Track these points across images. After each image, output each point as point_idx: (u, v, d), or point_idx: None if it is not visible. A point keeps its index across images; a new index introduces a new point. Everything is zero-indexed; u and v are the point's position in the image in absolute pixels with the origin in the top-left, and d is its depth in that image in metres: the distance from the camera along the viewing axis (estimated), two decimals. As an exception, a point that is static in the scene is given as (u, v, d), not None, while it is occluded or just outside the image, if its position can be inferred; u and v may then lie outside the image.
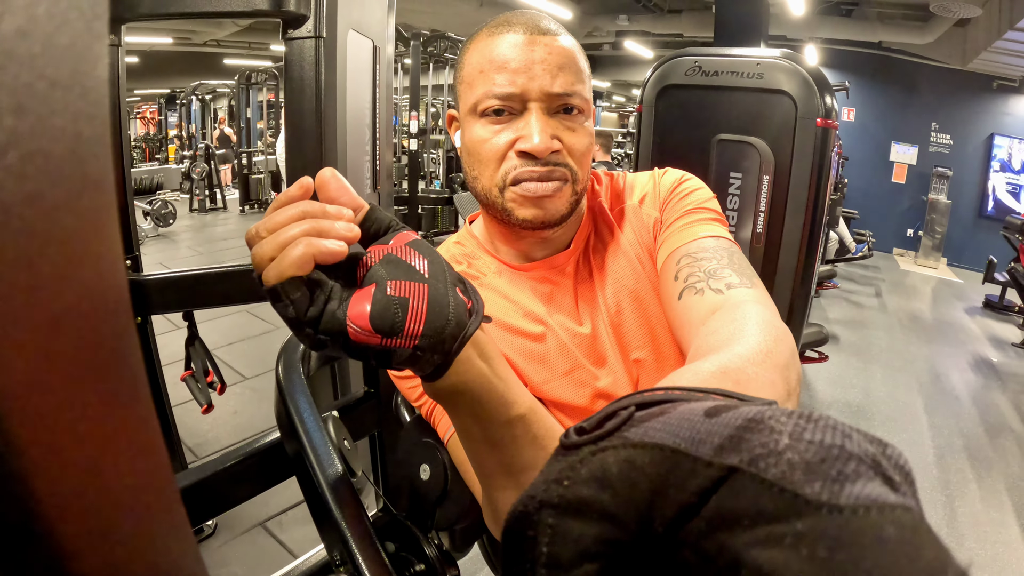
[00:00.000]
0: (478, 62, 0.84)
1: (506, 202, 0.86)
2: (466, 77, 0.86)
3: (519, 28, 0.83)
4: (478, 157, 0.86)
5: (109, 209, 0.23)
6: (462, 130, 0.90)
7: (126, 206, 2.06)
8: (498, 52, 0.82)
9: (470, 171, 0.89)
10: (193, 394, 2.06)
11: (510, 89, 0.81)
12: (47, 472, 0.20)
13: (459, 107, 0.90)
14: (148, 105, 19.06)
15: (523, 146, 0.82)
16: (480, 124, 0.85)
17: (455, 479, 0.94)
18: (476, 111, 0.84)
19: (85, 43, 0.22)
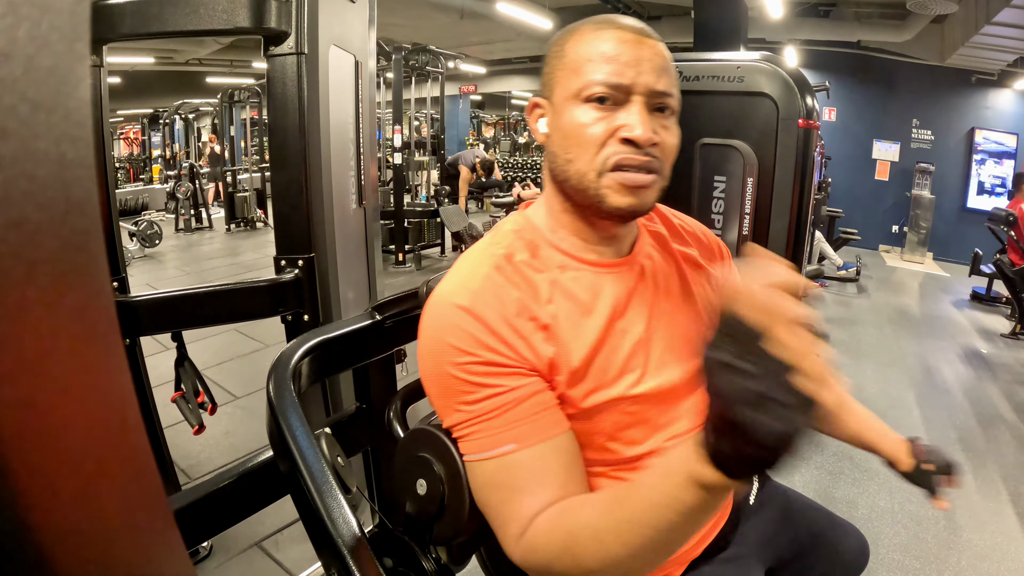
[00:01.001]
0: (586, 52, 0.87)
1: (602, 187, 0.87)
2: (570, 64, 0.88)
3: (627, 28, 0.88)
4: (577, 140, 0.87)
5: (95, 231, 0.23)
6: (556, 115, 0.90)
7: (111, 227, 2.05)
8: (608, 45, 0.86)
9: (563, 154, 0.89)
10: (184, 415, 2.04)
11: (619, 80, 0.85)
12: (40, 498, 0.20)
13: (552, 94, 0.91)
14: (131, 125, 19.00)
15: (628, 133, 0.85)
16: (583, 108, 0.87)
17: (452, 494, 0.94)
18: (580, 96, 0.86)
19: (67, 65, 0.22)
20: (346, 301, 2.01)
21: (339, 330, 1.28)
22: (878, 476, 3.00)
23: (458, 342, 0.82)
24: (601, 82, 0.85)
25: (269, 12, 1.71)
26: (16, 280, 0.20)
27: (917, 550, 2.44)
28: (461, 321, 0.83)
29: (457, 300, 0.85)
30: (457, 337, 0.83)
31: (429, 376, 0.87)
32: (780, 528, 1.22)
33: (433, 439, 0.96)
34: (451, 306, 0.84)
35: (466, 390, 0.82)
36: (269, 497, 1.43)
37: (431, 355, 0.85)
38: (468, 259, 0.94)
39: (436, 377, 0.85)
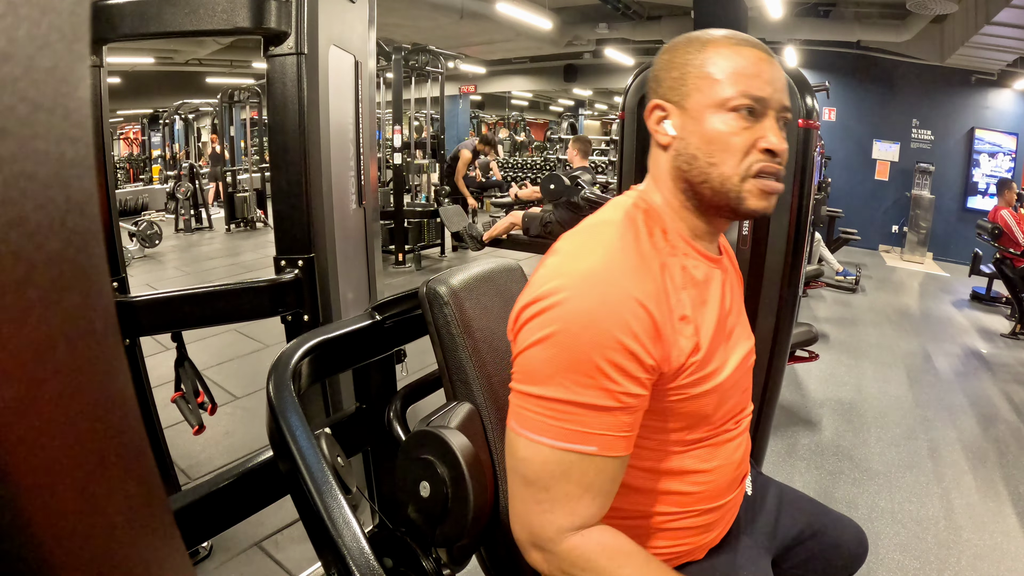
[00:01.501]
0: (730, 66, 0.93)
1: (744, 191, 0.94)
2: (712, 74, 0.93)
3: (762, 48, 0.96)
4: (723, 146, 0.93)
5: (94, 231, 0.23)
6: (694, 120, 0.95)
7: (112, 227, 2.05)
8: (752, 62, 0.93)
9: (706, 157, 0.94)
10: (184, 415, 2.04)
11: (762, 95, 0.92)
12: (39, 498, 0.20)
13: (686, 100, 0.95)
14: (131, 126, 19.01)
15: (769, 145, 0.92)
16: (728, 117, 0.93)
17: (456, 496, 0.94)
18: (725, 105, 0.92)
19: (67, 65, 0.22)
20: (346, 301, 2.01)
21: (339, 330, 1.28)
22: (878, 476, 3.00)
23: (623, 336, 0.82)
24: (749, 95, 0.92)
25: (269, 12, 1.71)
26: (16, 280, 0.20)
27: (917, 550, 2.44)
28: (634, 317, 0.83)
29: (633, 291, 0.84)
30: (624, 331, 0.82)
31: (556, 342, 0.83)
32: (778, 518, 1.26)
33: (436, 441, 0.97)
34: (628, 297, 0.84)
35: (590, 379, 0.82)
36: (269, 497, 1.43)
37: (579, 329, 0.82)
38: (609, 231, 0.93)
39: (566, 349, 0.82)
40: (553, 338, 0.83)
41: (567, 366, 0.82)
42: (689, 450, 0.98)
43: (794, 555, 1.26)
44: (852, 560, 1.33)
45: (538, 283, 0.88)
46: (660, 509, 0.99)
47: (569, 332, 0.82)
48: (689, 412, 0.94)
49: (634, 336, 0.82)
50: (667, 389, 0.90)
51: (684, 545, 1.03)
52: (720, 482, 1.02)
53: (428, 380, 1.45)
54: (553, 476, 0.84)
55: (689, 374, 0.90)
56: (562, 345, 0.82)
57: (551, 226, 5.27)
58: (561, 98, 22.83)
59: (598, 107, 23.48)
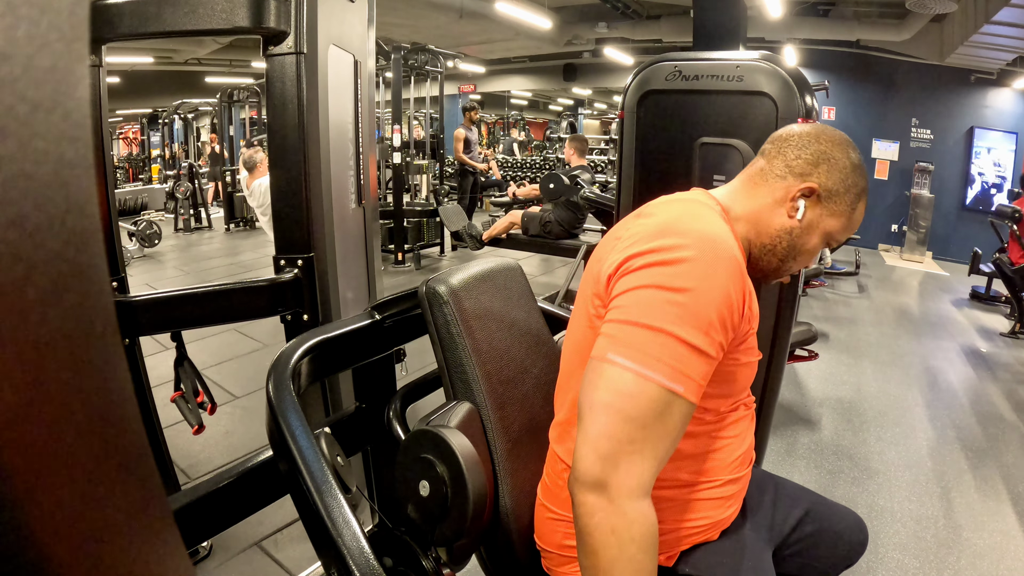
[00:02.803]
0: (855, 218, 1.11)
1: (769, 275, 1.16)
2: (845, 215, 1.10)
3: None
4: (804, 259, 1.13)
5: (94, 231, 0.23)
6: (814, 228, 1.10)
7: (111, 227, 2.05)
8: (858, 220, 1.12)
9: (788, 256, 1.12)
10: (184, 415, 2.04)
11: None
12: (37, 498, 0.20)
13: (825, 211, 1.10)
14: (131, 125, 19.01)
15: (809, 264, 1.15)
16: (820, 244, 1.12)
17: (456, 496, 0.94)
18: (828, 236, 1.11)
19: (66, 65, 0.22)
20: (345, 301, 2.01)
21: (338, 330, 1.28)
22: (877, 475, 3.00)
23: (734, 294, 0.91)
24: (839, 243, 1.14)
25: (268, 12, 1.71)
26: (15, 280, 0.20)
27: (916, 549, 2.44)
28: (740, 280, 0.93)
29: (739, 257, 0.96)
30: (736, 290, 0.92)
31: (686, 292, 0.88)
32: (775, 510, 1.27)
33: (436, 441, 0.97)
34: (737, 261, 0.94)
35: (706, 326, 0.87)
36: (269, 497, 1.43)
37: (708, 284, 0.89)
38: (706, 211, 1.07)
39: (695, 298, 0.88)
40: (684, 290, 0.88)
41: (692, 312, 0.87)
42: (721, 420, 1.08)
43: (795, 544, 1.28)
44: (853, 548, 1.34)
45: (648, 236, 0.95)
46: (698, 476, 1.07)
47: (701, 288, 0.88)
48: (731, 378, 1.03)
49: (741, 295, 0.92)
50: (730, 350, 0.97)
51: (707, 518, 1.08)
52: (741, 452, 1.11)
53: (428, 379, 1.45)
54: (655, 414, 0.84)
55: (745, 341, 1.01)
56: (691, 297, 0.87)
57: (550, 226, 5.28)
58: (560, 97, 22.82)
59: (597, 106, 23.47)
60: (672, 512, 1.05)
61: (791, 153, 1.11)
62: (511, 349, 1.27)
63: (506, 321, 1.29)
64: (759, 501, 1.26)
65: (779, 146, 1.13)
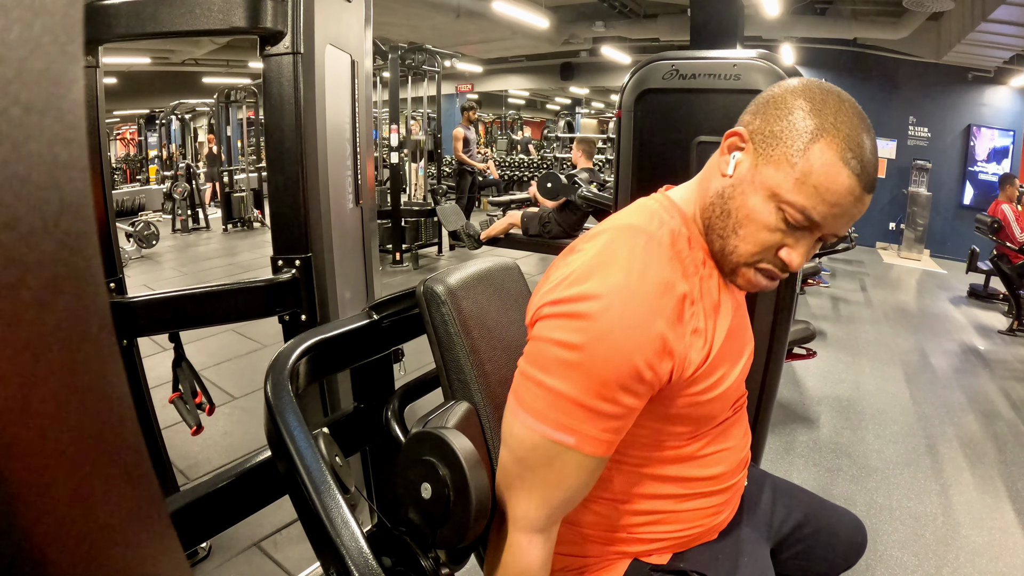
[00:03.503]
0: (820, 179, 0.83)
1: (737, 271, 0.93)
2: (799, 170, 0.84)
3: (865, 179, 0.84)
4: (750, 231, 0.89)
5: (89, 233, 0.23)
6: (751, 184, 0.89)
7: (108, 228, 2.04)
8: (841, 192, 0.83)
9: (730, 224, 0.91)
10: (182, 416, 2.04)
11: (822, 224, 0.86)
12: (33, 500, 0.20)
13: (766, 162, 0.87)
14: (128, 126, 18.99)
15: (788, 261, 0.89)
16: (772, 213, 0.87)
17: (458, 499, 0.94)
18: (782, 203, 0.86)
19: (60, 67, 0.22)
20: (343, 301, 2.01)
21: (336, 330, 1.28)
22: (876, 473, 3.01)
23: (638, 362, 0.82)
24: (810, 219, 0.85)
25: (265, 12, 1.71)
26: (9, 283, 0.20)
27: (915, 547, 2.45)
28: (651, 343, 0.83)
29: (654, 317, 0.83)
30: (640, 357, 0.82)
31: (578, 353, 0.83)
32: (774, 509, 1.27)
33: (438, 443, 0.96)
34: (650, 324, 0.83)
35: (598, 390, 0.83)
36: (268, 497, 1.43)
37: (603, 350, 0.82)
38: (636, 241, 0.90)
39: (585, 361, 0.83)
40: (576, 348, 0.83)
41: (580, 374, 0.83)
42: (694, 441, 1.01)
43: (793, 546, 1.27)
44: (852, 550, 1.33)
45: (565, 282, 0.87)
46: (672, 492, 1.03)
47: (593, 350, 0.82)
48: (696, 416, 0.96)
49: (647, 362, 0.83)
50: (677, 397, 0.91)
51: (696, 528, 1.06)
52: (728, 463, 1.07)
53: (426, 379, 1.45)
54: (539, 461, 0.88)
55: (698, 382, 0.90)
56: (583, 356, 0.83)
57: (550, 226, 5.27)
58: (558, 96, 22.82)
59: (595, 105, 23.46)
60: (663, 523, 1.04)
61: (744, 113, 0.96)
62: (509, 349, 1.27)
63: (504, 321, 1.29)
64: (758, 500, 1.26)
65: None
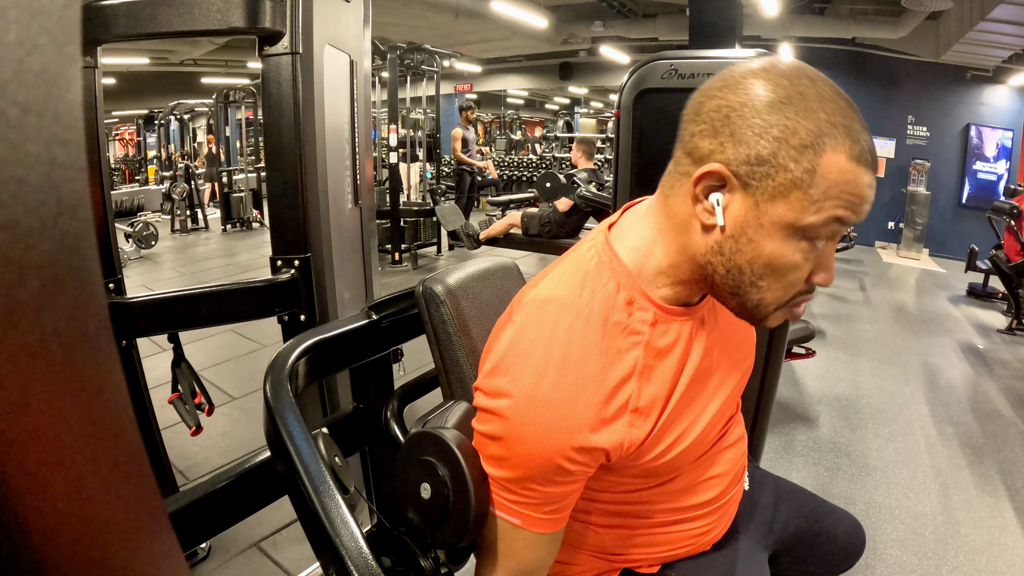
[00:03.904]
0: (838, 190, 0.72)
1: (770, 316, 0.81)
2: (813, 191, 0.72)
3: (872, 167, 0.73)
4: (778, 275, 0.76)
5: (87, 234, 0.23)
6: (758, 226, 0.75)
7: (108, 229, 2.04)
8: (861, 194, 0.73)
9: (753, 277, 0.78)
10: (181, 416, 2.04)
11: (846, 232, 0.79)
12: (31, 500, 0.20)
13: (763, 196, 0.74)
14: (127, 126, 18.98)
15: (820, 280, 0.78)
16: (800, 248, 0.75)
17: (457, 499, 0.94)
18: (804, 231, 0.73)
19: (57, 67, 0.22)
20: (342, 301, 2.01)
21: (336, 330, 1.28)
22: (875, 472, 3.01)
23: (560, 460, 0.78)
24: (833, 233, 0.75)
25: (263, 12, 1.71)
26: (7, 283, 0.20)
27: (915, 546, 2.45)
28: (574, 444, 0.77)
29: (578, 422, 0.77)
30: (562, 456, 0.78)
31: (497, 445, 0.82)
32: (775, 513, 1.25)
33: (438, 443, 0.96)
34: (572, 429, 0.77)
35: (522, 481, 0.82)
36: (267, 498, 1.43)
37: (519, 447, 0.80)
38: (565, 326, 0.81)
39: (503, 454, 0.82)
40: (499, 444, 0.82)
41: (507, 467, 0.83)
42: (671, 482, 0.97)
43: (792, 549, 1.26)
44: (850, 553, 1.32)
45: (491, 369, 0.84)
46: (657, 520, 1.00)
47: (513, 448, 0.80)
48: (659, 470, 0.90)
49: (568, 458, 0.78)
50: (626, 467, 0.87)
51: (686, 547, 1.04)
52: (717, 488, 1.03)
53: (425, 379, 1.45)
54: (495, 536, 0.88)
55: (647, 451, 0.85)
56: (505, 452, 0.82)
57: (550, 226, 5.27)
58: (557, 96, 22.83)
59: (594, 105, 23.46)
60: (651, 545, 1.02)
61: (687, 129, 0.80)
62: (508, 348, 1.27)
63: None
64: (759, 503, 1.24)
65: (682, 123, 0.83)
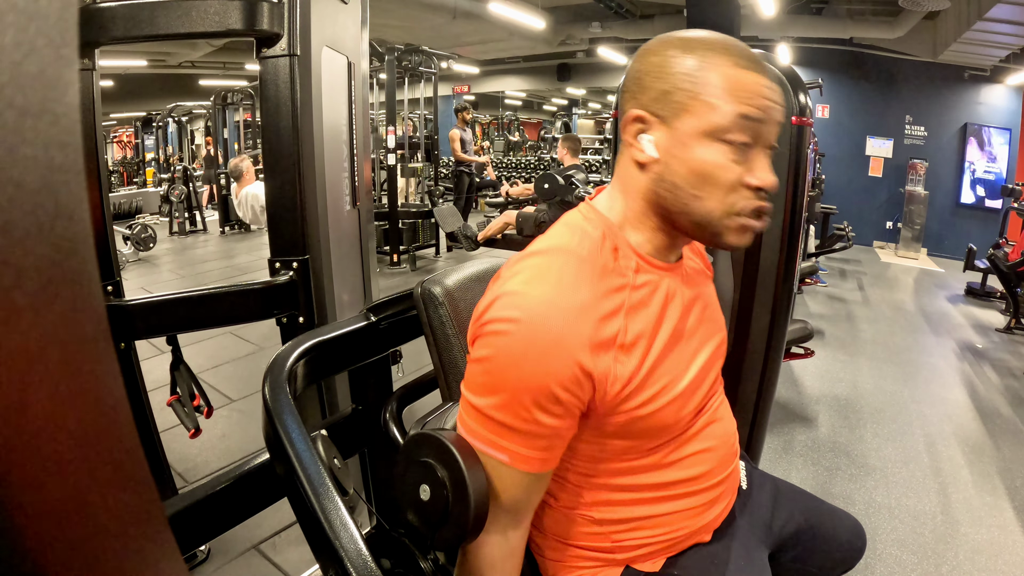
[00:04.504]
0: (731, 91, 0.84)
1: (725, 227, 0.89)
2: (706, 94, 0.85)
3: (767, 73, 0.87)
4: (711, 181, 0.86)
5: (84, 236, 0.23)
6: (680, 144, 0.87)
7: (105, 231, 2.04)
8: (752, 85, 0.85)
9: (689, 189, 0.87)
10: (180, 419, 2.03)
11: (762, 131, 0.87)
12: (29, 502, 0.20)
13: (676, 119, 0.87)
14: (125, 129, 18.96)
15: (761, 183, 0.87)
16: (720, 149, 0.85)
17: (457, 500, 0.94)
18: (720, 136, 0.85)
19: (54, 70, 0.22)
20: (341, 303, 2.01)
21: (334, 332, 1.28)
22: (875, 472, 3.01)
23: (551, 384, 0.82)
24: (750, 131, 0.85)
25: (261, 14, 1.71)
26: (5, 286, 0.20)
27: (914, 545, 2.45)
28: (565, 367, 0.82)
29: (570, 342, 0.82)
30: (553, 379, 0.82)
31: (489, 367, 0.85)
32: (775, 512, 1.25)
33: (437, 445, 0.96)
34: (563, 348, 0.82)
35: (508, 406, 0.84)
36: (266, 500, 1.43)
37: (511, 366, 0.83)
38: (558, 264, 0.88)
39: (495, 376, 0.84)
40: (487, 362, 0.85)
41: (499, 393, 0.84)
42: (659, 451, 0.97)
43: (791, 549, 1.26)
44: (850, 554, 1.32)
45: (487, 308, 0.87)
46: (647, 497, 0.99)
47: (510, 370, 0.83)
48: (643, 430, 0.92)
49: (561, 384, 0.82)
50: (611, 415, 0.89)
51: (682, 529, 1.02)
52: (708, 463, 1.03)
53: (424, 381, 1.45)
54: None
55: (632, 398, 0.88)
56: (500, 376, 0.84)
57: (545, 225, 5.26)
58: (555, 97, 22.83)
59: (592, 106, 23.48)
60: (644, 528, 1.01)
61: (620, 109, 0.94)
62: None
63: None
64: (759, 503, 1.23)
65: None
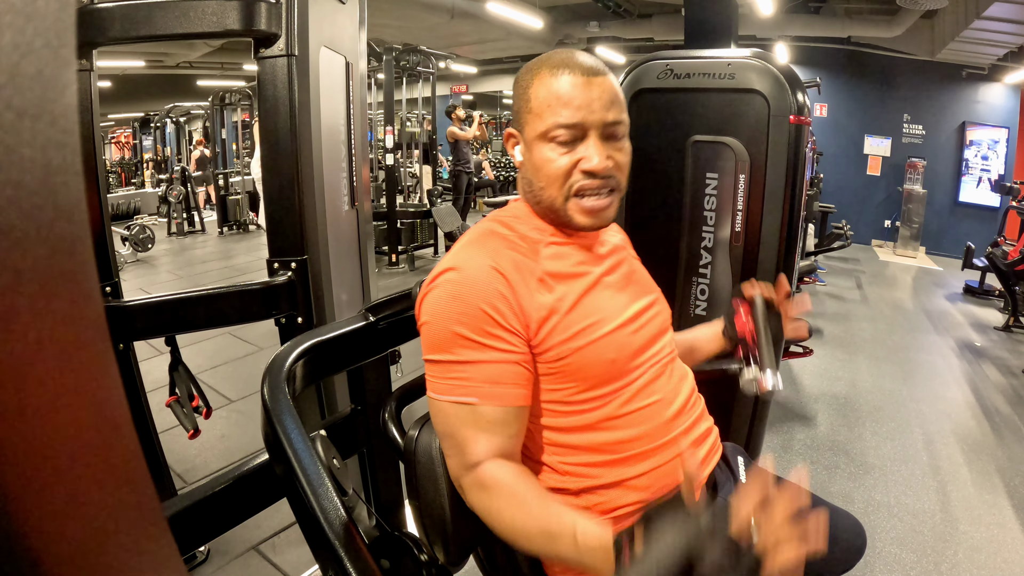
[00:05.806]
0: (545, 97, 1.03)
1: (568, 210, 1.06)
2: (534, 108, 1.05)
3: (577, 70, 1.02)
4: (547, 173, 1.05)
5: (82, 238, 0.23)
6: (528, 149, 1.08)
7: (104, 232, 2.04)
8: (563, 90, 1.02)
9: (536, 183, 1.07)
10: (179, 419, 2.03)
11: (575, 120, 1.01)
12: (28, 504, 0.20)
13: (523, 131, 1.08)
14: (122, 129, 18.92)
15: (586, 166, 1.03)
16: (548, 147, 1.04)
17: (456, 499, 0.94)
18: (545, 137, 1.04)
19: (52, 71, 0.22)
20: (339, 303, 2.01)
21: (333, 332, 1.28)
22: (874, 470, 3.01)
23: (482, 304, 0.96)
24: (561, 125, 1.02)
25: (259, 14, 1.70)
26: (3, 287, 0.20)
27: (914, 543, 2.45)
28: (490, 285, 0.97)
29: (489, 262, 0.99)
30: (483, 299, 0.96)
31: (433, 317, 0.98)
32: None
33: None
34: (485, 268, 0.99)
35: (462, 339, 0.96)
36: (265, 500, 1.43)
37: (448, 302, 0.97)
38: (474, 232, 1.10)
39: (441, 319, 0.97)
40: (431, 317, 0.99)
41: (439, 336, 0.97)
42: (606, 402, 1.05)
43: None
44: (851, 553, 1.32)
45: (430, 278, 1.03)
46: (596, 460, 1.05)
47: (449, 306, 0.97)
48: (586, 364, 1.02)
49: (492, 305, 0.96)
50: (549, 348, 1.00)
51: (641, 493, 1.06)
52: (651, 422, 1.08)
53: (423, 381, 1.45)
54: (454, 426, 0.97)
55: (561, 329, 1.01)
56: (436, 321, 0.98)
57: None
58: (553, 97, 22.77)
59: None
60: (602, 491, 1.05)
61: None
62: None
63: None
64: None
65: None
